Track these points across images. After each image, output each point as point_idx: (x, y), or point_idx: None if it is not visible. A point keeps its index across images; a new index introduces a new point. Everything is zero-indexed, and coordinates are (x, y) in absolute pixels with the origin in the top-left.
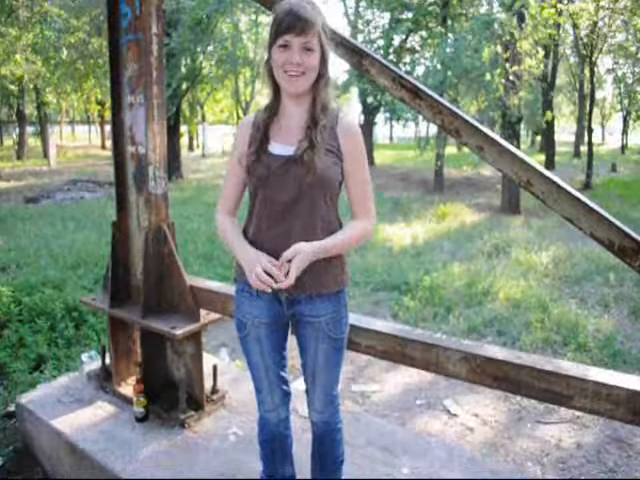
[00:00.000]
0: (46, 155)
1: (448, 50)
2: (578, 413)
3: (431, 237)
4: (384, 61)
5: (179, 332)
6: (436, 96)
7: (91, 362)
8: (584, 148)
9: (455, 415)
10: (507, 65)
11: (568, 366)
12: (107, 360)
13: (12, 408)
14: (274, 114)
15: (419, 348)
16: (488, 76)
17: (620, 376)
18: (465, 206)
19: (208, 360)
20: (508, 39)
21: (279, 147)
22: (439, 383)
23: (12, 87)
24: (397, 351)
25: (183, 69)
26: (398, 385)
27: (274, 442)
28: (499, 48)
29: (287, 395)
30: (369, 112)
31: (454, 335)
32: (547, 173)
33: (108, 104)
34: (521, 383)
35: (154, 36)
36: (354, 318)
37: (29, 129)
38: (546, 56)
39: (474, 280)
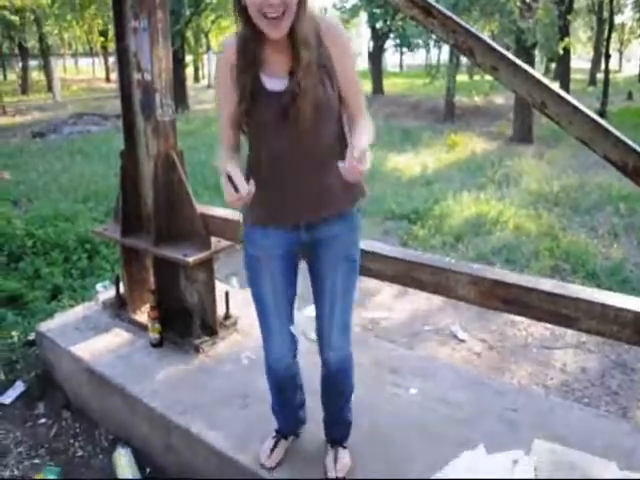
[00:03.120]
0: (50, 89)
1: None
2: (583, 339)
3: (441, 167)
4: None
5: (191, 259)
6: (449, 14)
7: (105, 292)
8: (600, 75)
9: (462, 341)
10: None
11: (576, 289)
12: (121, 289)
13: (32, 337)
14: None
15: (428, 272)
16: None
17: (628, 299)
18: (476, 135)
19: (220, 287)
20: None
21: (270, 81)
22: (447, 310)
23: (13, 18)
24: (407, 275)
25: None
26: (406, 312)
27: (284, 385)
28: None
29: (295, 340)
30: (378, 38)
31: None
32: (562, 94)
33: (111, 35)
34: (529, 305)
35: None
36: (364, 243)
37: (32, 63)
38: None
39: (484, 209)
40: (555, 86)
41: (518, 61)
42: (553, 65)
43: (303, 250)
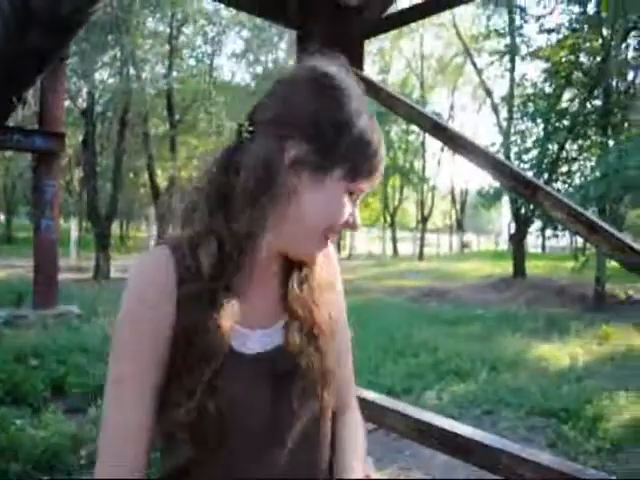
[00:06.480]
0: None
1: (611, 160)
2: None
3: (592, 360)
4: (558, 195)
5: None
6: (615, 232)
7: None
8: None
9: None
10: None
11: None
12: None
13: None
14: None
15: None
16: None
17: None
18: (632, 327)
19: None
20: None
21: (251, 336)
22: None
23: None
24: None
25: None
26: None
27: None
28: None
29: None
30: (521, 221)
31: (624, 477)
32: None
33: None
34: None
35: None
36: (517, 449)
37: None
38: None
39: None
40: None
41: None
42: None
43: None
